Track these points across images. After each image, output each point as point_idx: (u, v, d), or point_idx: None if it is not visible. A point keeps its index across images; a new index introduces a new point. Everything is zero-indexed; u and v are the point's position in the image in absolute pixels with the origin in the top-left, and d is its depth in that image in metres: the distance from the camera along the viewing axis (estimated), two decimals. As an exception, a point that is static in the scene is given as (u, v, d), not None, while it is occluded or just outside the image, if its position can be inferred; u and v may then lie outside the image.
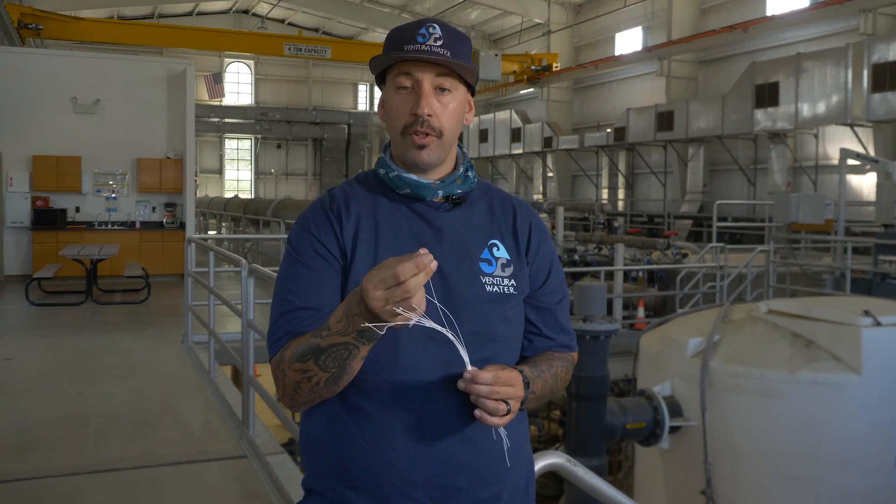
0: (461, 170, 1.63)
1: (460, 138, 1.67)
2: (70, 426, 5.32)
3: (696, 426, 6.10)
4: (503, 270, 1.59)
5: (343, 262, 1.54)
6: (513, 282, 1.59)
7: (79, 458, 4.69)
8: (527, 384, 1.47)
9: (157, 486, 4.33)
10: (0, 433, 5.11)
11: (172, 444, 4.99)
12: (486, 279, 1.57)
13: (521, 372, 1.48)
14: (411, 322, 1.28)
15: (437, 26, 1.53)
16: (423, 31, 1.52)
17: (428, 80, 1.53)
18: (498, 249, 1.61)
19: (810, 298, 8.40)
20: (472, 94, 1.65)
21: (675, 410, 6.26)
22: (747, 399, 5.87)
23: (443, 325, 1.34)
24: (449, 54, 1.51)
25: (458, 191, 1.61)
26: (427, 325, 1.30)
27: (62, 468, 4.50)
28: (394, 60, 1.54)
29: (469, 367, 1.38)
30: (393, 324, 1.29)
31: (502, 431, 1.48)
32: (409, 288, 1.24)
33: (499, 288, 1.57)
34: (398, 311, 1.26)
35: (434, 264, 1.25)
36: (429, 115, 1.52)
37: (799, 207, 12.28)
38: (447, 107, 1.55)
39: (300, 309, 1.51)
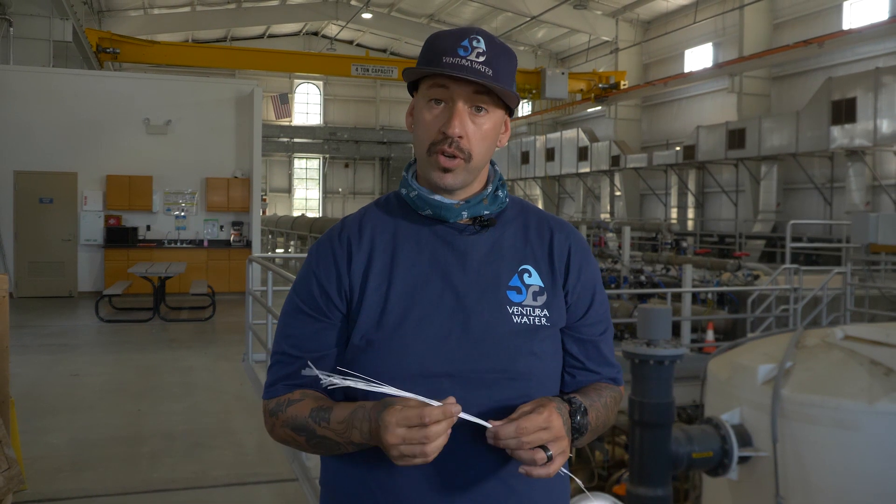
0: (489, 189, 1.48)
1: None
2: (126, 445, 5.36)
3: (766, 457, 5.80)
4: (535, 299, 1.44)
5: (349, 307, 1.43)
6: (545, 312, 1.44)
7: (132, 477, 4.71)
8: (584, 411, 1.35)
9: (206, 509, 4.30)
10: (58, 451, 5.18)
11: (225, 466, 4.97)
12: (514, 309, 1.42)
13: (571, 401, 1.34)
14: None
15: (481, 39, 1.38)
16: (465, 42, 1.38)
17: (463, 97, 1.39)
18: (530, 276, 1.46)
19: (891, 324, 7.97)
20: (511, 115, 1.50)
21: (745, 440, 5.97)
22: (822, 430, 5.56)
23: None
24: (490, 73, 1.37)
25: (486, 212, 1.46)
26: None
27: (115, 488, 4.52)
28: (428, 74, 1.41)
29: (489, 426, 1.25)
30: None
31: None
32: (429, 434, 1.19)
33: (528, 319, 1.42)
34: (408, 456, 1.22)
35: (458, 409, 1.23)
36: (459, 137, 1.38)
37: (878, 227, 11.74)
38: (481, 128, 1.41)
39: (294, 357, 1.44)
